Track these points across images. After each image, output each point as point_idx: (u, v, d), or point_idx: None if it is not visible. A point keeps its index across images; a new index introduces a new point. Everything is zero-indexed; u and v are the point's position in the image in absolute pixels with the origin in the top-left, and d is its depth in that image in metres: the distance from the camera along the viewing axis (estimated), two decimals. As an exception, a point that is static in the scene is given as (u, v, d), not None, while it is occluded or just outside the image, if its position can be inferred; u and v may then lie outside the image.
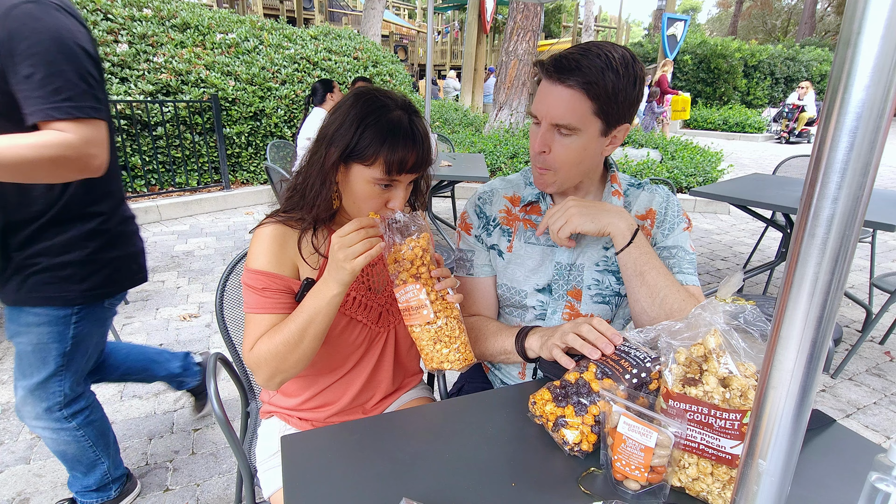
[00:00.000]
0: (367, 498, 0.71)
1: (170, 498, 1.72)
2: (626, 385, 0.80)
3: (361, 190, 0.97)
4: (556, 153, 1.03)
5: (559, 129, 1.01)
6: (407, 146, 0.94)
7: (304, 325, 0.92)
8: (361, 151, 0.94)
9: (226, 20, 6.01)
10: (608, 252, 1.13)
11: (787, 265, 0.36)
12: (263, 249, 0.98)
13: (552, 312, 1.15)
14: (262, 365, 0.96)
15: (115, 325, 2.76)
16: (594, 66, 0.95)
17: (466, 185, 5.76)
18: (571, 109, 0.98)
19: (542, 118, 1.02)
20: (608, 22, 31.06)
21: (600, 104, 0.97)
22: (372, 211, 0.98)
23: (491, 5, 11.66)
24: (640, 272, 1.02)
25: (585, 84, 0.95)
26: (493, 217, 1.19)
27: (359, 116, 0.94)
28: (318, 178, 0.98)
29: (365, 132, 0.93)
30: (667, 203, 1.15)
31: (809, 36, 25.59)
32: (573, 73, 0.96)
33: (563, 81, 0.97)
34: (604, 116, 0.99)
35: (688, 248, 1.12)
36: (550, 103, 1.00)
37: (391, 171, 0.94)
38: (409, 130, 0.95)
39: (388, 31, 19.62)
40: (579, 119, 0.98)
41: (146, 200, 4.80)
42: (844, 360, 2.58)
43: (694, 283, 1.09)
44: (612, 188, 1.14)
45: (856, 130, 0.31)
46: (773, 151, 10.93)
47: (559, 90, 0.98)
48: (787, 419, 0.38)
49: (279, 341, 0.93)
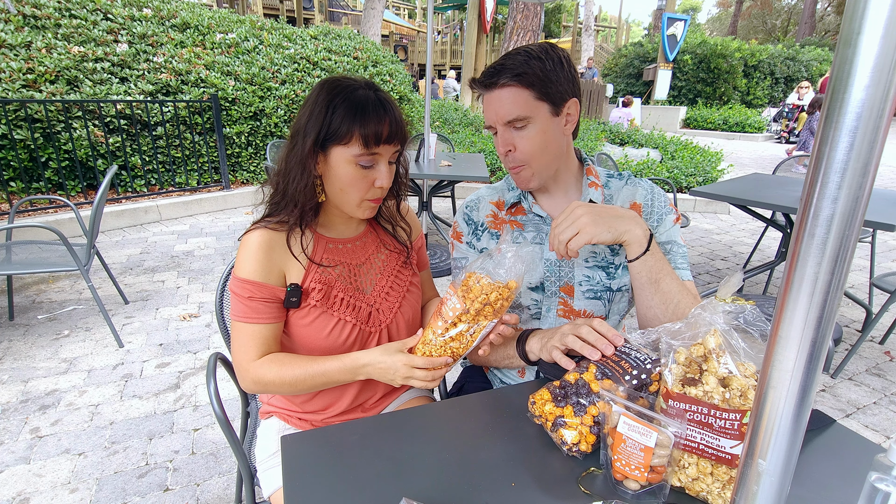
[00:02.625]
0: (367, 498, 0.71)
1: (170, 498, 1.72)
2: (626, 386, 0.80)
3: (345, 173, 0.98)
4: (521, 147, 1.07)
5: (513, 125, 1.05)
6: (379, 116, 0.96)
7: (319, 385, 1.00)
8: (335, 131, 0.95)
9: (226, 20, 6.01)
10: (596, 248, 1.13)
11: (787, 265, 0.36)
12: (249, 257, 0.99)
13: (547, 310, 1.16)
14: (259, 384, 1.00)
15: (116, 326, 2.76)
16: (517, 61, 1.02)
17: (466, 185, 5.76)
18: (513, 102, 1.03)
19: (495, 123, 1.07)
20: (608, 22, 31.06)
21: (537, 89, 1.02)
22: (361, 197, 0.99)
23: (491, 5, 11.65)
24: (656, 279, 1.00)
25: (515, 76, 1.01)
26: (481, 222, 1.21)
27: (326, 100, 0.97)
28: (297, 170, 0.99)
29: (335, 112, 0.95)
30: (652, 195, 1.15)
31: (809, 36, 25.58)
32: (501, 73, 1.02)
33: (496, 84, 1.03)
34: (546, 98, 1.03)
35: (680, 242, 1.13)
36: (495, 107, 1.05)
37: (368, 143, 0.95)
38: (377, 102, 0.97)
39: (388, 31, 19.63)
40: (524, 108, 1.03)
41: (146, 200, 4.80)
42: (844, 360, 2.58)
43: (687, 277, 1.09)
44: (588, 180, 1.16)
45: (856, 130, 0.31)
46: (773, 151, 10.93)
47: (496, 93, 1.04)
48: (786, 419, 0.38)
49: (288, 379, 0.99)
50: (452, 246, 1.26)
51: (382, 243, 1.17)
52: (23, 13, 4.61)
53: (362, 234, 1.15)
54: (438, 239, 4.44)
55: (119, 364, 2.47)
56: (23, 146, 4.15)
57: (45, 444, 1.93)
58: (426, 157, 3.71)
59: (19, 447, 1.92)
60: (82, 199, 4.49)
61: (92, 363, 2.47)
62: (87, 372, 2.39)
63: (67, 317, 2.90)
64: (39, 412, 2.11)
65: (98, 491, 1.73)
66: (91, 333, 2.73)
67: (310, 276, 1.03)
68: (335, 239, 1.10)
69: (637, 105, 11.83)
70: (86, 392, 2.25)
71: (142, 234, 4.38)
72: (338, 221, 1.11)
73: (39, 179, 4.33)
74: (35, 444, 1.93)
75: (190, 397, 2.23)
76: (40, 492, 1.72)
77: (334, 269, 1.07)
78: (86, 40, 4.76)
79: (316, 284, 1.03)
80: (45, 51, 4.46)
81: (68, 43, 4.65)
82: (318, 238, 1.07)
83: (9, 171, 4.14)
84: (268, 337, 1.01)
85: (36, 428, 2.02)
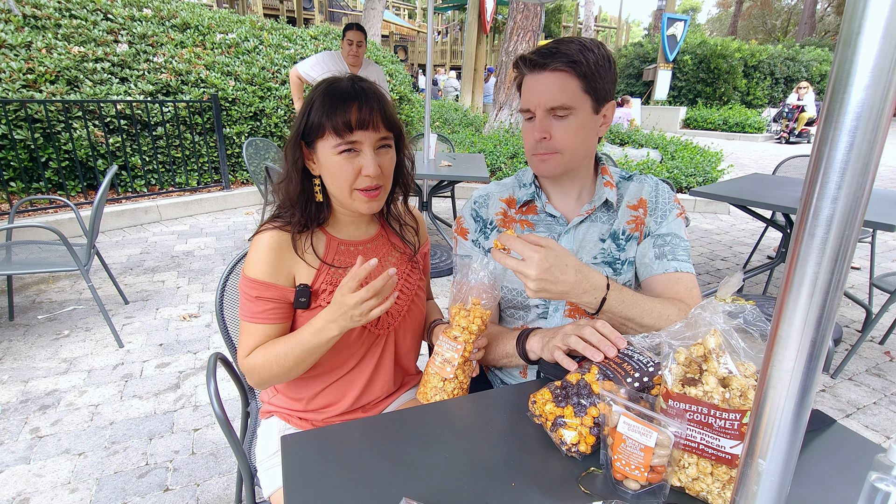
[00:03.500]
0: (367, 498, 0.71)
1: (170, 498, 1.72)
2: (628, 388, 0.80)
3: (332, 164, 0.99)
4: (558, 136, 1.04)
5: (555, 112, 1.02)
6: (347, 104, 0.95)
7: (300, 355, 0.97)
8: (312, 125, 0.97)
9: (226, 20, 6.01)
10: (604, 244, 1.13)
11: (787, 265, 0.36)
12: (260, 258, 0.99)
13: (554, 310, 1.15)
14: (253, 373, 1.01)
15: (116, 326, 2.76)
16: (572, 49, 0.99)
17: (466, 185, 5.76)
18: (561, 89, 1.00)
19: (536, 108, 1.04)
20: (608, 22, 31.07)
21: (587, 81, 1.00)
22: (350, 186, 0.99)
23: (491, 5, 11.66)
24: (630, 316, 0.97)
25: (571, 63, 0.99)
26: (490, 220, 1.19)
27: (309, 98, 0.99)
28: (292, 170, 1.02)
29: (313, 109, 0.97)
30: (656, 191, 1.16)
31: (809, 36, 25.58)
32: (555, 56, 0.99)
33: (548, 66, 1.00)
34: (592, 93, 1.02)
35: (682, 236, 1.13)
36: (540, 91, 1.02)
37: (339, 131, 0.95)
38: (349, 90, 0.96)
39: (388, 31, 19.63)
40: (571, 97, 1.01)
41: (146, 200, 4.80)
42: (844, 360, 2.58)
43: (688, 269, 1.09)
44: (603, 179, 1.15)
45: (856, 130, 0.31)
46: (773, 151, 10.93)
47: (546, 76, 1.01)
48: (786, 419, 0.38)
49: (273, 359, 0.98)
50: (456, 242, 1.24)
51: (394, 247, 1.17)
52: (23, 13, 4.62)
53: (374, 236, 1.15)
54: (439, 239, 4.44)
55: (119, 364, 2.47)
56: (23, 146, 4.15)
57: (45, 444, 1.93)
58: (426, 157, 3.71)
59: (19, 447, 1.92)
60: (82, 199, 4.49)
61: (92, 363, 2.47)
62: (87, 372, 2.39)
63: (67, 317, 2.90)
64: (39, 412, 2.11)
65: (98, 491, 1.73)
66: (91, 333, 2.73)
67: (321, 278, 1.04)
68: (347, 241, 1.10)
69: (637, 105, 11.82)
70: (86, 392, 2.25)
71: (142, 234, 4.38)
72: (347, 222, 1.11)
73: (39, 179, 4.33)
74: (35, 444, 1.93)
75: (190, 397, 2.23)
76: (40, 492, 1.72)
77: (346, 270, 1.07)
78: (86, 40, 4.76)
79: (326, 286, 1.03)
80: (45, 51, 4.46)
81: (68, 43, 4.65)
82: (329, 239, 1.08)
83: (9, 171, 4.14)
84: (270, 336, 1.02)
85: (36, 428, 2.02)
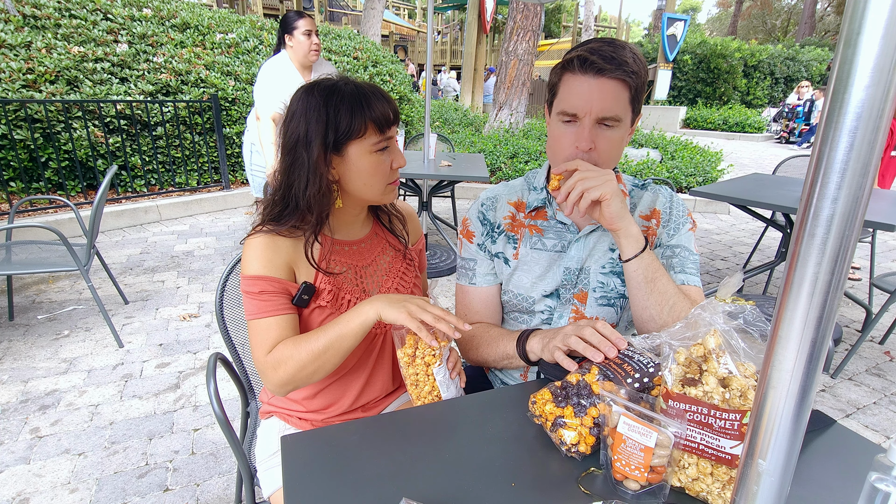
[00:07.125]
0: (367, 498, 0.71)
1: (170, 498, 1.72)
2: (628, 389, 0.79)
3: (368, 164, 0.99)
4: (602, 148, 1.00)
5: (604, 122, 0.98)
6: (379, 100, 0.98)
7: (331, 338, 0.93)
8: (348, 128, 0.96)
9: (226, 20, 6.01)
10: (614, 254, 1.12)
11: (787, 265, 0.36)
12: (257, 255, 0.98)
13: (559, 317, 1.14)
14: (279, 368, 0.93)
15: (116, 326, 2.76)
16: (628, 58, 0.95)
17: (466, 186, 5.76)
18: (616, 99, 0.97)
19: (585, 114, 0.98)
20: (608, 22, 31.07)
21: (634, 93, 0.98)
22: (385, 182, 1.02)
23: (491, 5, 11.66)
24: (652, 279, 0.99)
25: (630, 74, 0.95)
26: (498, 223, 1.17)
27: (321, 104, 0.95)
28: (311, 179, 0.97)
29: (339, 112, 0.95)
30: (671, 203, 1.15)
31: (809, 36, 25.58)
32: (617, 64, 0.94)
33: (606, 73, 0.95)
34: (634, 104, 1.00)
35: (692, 249, 1.11)
36: (595, 97, 0.96)
37: (382, 127, 0.98)
38: (368, 90, 0.98)
39: (388, 31, 19.62)
40: (622, 108, 0.98)
41: (146, 200, 4.80)
42: (844, 360, 2.58)
43: (696, 283, 1.08)
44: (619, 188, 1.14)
45: (856, 130, 0.31)
46: (773, 151, 10.93)
47: (602, 82, 0.95)
48: (786, 419, 0.38)
49: (303, 344, 0.93)
50: (461, 244, 1.22)
51: (388, 244, 1.17)
52: (23, 13, 4.62)
53: (368, 235, 1.14)
54: (438, 239, 4.44)
55: (119, 364, 2.47)
56: (23, 146, 4.15)
57: (45, 444, 1.93)
58: (426, 156, 3.70)
59: (19, 447, 1.92)
60: (82, 199, 4.49)
61: (92, 363, 2.47)
62: (87, 372, 2.39)
63: (67, 317, 2.90)
64: (39, 412, 2.11)
65: (98, 491, 1.73)
66: (91, 333, 2.73)
67: (321, 276, 1.03)
68: (341, 241, 1.09)
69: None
70: (86, 392, 2.25)
71: (142, 234, 4.38)
72: (345, 222, 1.10)
73: (39, 179, 4.33)
74: (35, 444, 1.93)
75: (190, 397, 2.24)
76: (40, 492, 1.72)
77: (343, 271, 1.07)
78: (86, 40, 4.76)
79: (326, 286, 1.03)
80: (45, 51, 4.46)
81: (68, 43, 4.65)
82: (324, 239, 1.07)
83: (9, 171, 4.13)
84: (284, 328, 0.97)
85: (36, 428, 2.02)
